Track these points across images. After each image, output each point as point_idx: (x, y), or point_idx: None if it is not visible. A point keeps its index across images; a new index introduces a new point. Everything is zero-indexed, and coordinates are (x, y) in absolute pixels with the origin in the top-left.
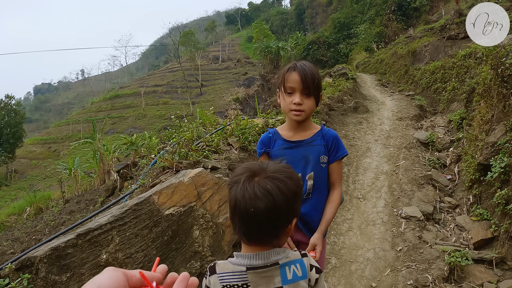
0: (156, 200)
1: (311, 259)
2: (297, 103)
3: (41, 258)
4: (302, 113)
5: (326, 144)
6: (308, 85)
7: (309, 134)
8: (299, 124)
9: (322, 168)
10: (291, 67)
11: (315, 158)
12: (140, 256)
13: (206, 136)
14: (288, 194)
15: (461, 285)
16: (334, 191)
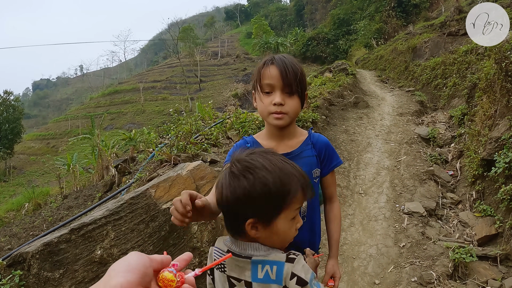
0: (153, 194)
1: (297, 268)
2: (278, 103)
3: (33, 254)
4: (284, 116)
5: (318, 155)
6: (289, 82)
7: (296, 144)
8: (282, 131)
9: (315, 184)
10: (268, 61)
11: (307, 173)
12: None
13: (205, 130)
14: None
15: (466, 282)
16: (333, 205)
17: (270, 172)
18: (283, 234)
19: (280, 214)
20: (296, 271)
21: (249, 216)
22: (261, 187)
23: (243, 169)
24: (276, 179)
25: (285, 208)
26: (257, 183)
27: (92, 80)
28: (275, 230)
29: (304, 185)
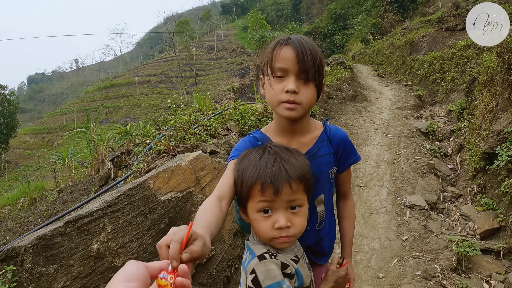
0: (152, 185)
1: (260, 268)
2: (291, 91)
3: (27, 248)
4: (297, 107)
5: (335, 152)
6: (306, 67)
7: (310, 141)
8: (294, 125)
9: (331, 184)
10: (283, 40)
11: (325, 174)
12: (135, 245)
13: (204, 120)
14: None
15: (469, 276)
16: (348, 202)
17: (248, 161)
18: (256, 227)
19: (247, 203)
20: (257, 270)
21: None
22: (236, 172)
23: (240, 156)
24: (240, 168)
25: (249, 198)
26: (238, 168)
27: (88, 74)
28: (251, 219)
29: (266, 180)
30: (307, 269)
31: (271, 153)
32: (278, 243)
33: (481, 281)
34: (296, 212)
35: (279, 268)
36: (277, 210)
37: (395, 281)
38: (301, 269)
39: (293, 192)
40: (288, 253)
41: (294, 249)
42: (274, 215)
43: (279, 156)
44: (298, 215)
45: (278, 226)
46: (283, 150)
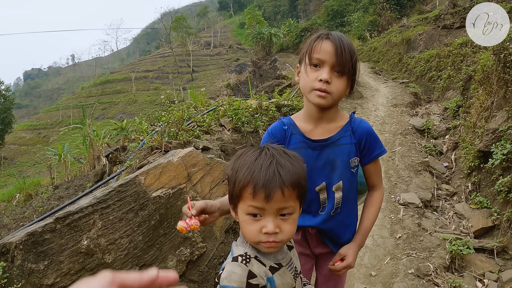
0: (143, 181)
1: (228, 268)
2: (324, 80)
3: (17, 244)
4: (328, 96)
5: (358, 142)
6: (343, 61)
7: (335, 129)
8: (322, 113)
9: (353, 174)
10: (324, 34)
11: (344, 162)
12: (125, 242)
13: (197, 116)
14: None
15: (462, 275)
16: (375, 193)
17: (237, 160)
18: (243, 227)
19: (238, 203)
20: (225, 268)
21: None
22: (228, 170)
23: (237, 153)
24: (235, 166)
25: (240, 199)
26: (230, 166)
27: (84, 69)
28: (240, 219)
29: (256, 182)
30: (289, 278)
31: (268, 156)
32: (264, 247)
33: (474, 279)
34: (286, 219)
35: (244, 276)
36: (266, 215)
37: (387, 279)
38: (278, 278)
39: (285, 199)
40: (270, 259)
41: (278, 256)
42: (263, 219)
43: (275, 160)
44: (288, 222)
45: (266, 231)
46: (280, 154)
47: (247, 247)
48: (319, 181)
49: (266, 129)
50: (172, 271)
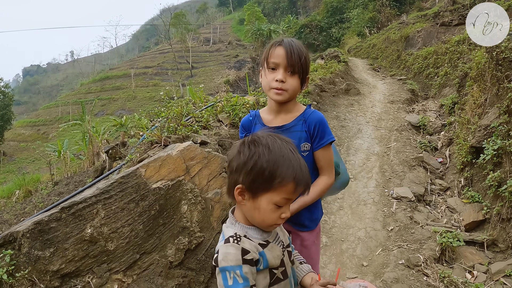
0: (143, 173)
1: (222, 250)
2: (279, 80)
3: (24, 233)
4: (284, 93)
5: (308, 130)
6: (293, 62)
7: (290, 118)
8: (281, 106)
9: (304, 157)
10: (277, 42)
11: (296, 146)
12: (126, 230)
13: (196, 112)
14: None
15: (452, 266)
16: (320, 177)
17: (270, 152)
18: (264, 213)
19: (266, 193)
20: (220, 251)
21: (239, 182)
22: (256, 160)
23: (251, 141)
24: (271, 159)
25: (272, 190)
26: (255, 155)
27: (83, 66)
28: (258, 205)
29: (299, 180)
30: (278, 251)
31: (295, 151)
32: (273, 227)
33: (464, 271)
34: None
35: (239, 254)
36: (288, 204)
37: (378, 269)
38: (269, 252)
39: None
40: (258, 238)
41: (264, 235)
42: (284, 207)
43: (301, 159)
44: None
45: (285, 216)
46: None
47: (237, 227)
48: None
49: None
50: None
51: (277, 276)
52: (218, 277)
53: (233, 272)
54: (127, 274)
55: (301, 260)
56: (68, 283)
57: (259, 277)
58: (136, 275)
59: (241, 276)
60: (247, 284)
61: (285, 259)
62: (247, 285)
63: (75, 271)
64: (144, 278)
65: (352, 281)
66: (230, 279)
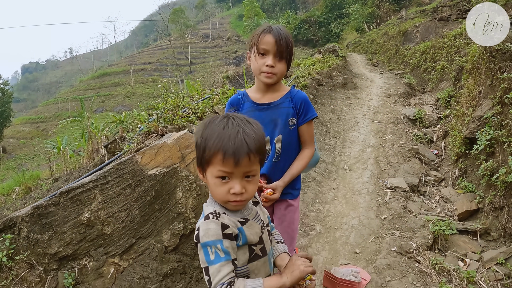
0: (139, 160)
1: (203, 226)
2: (270, 65)
3: (23, 217)
4: (273, 76)
5: (294, 106)
6: (281, 49)
7: (277, 96)
8: (269, 87)
9: (291, 131)
10: (266, 29)
11: (283, 120)
12: (123, 215)
13: (192, 104)
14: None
15: (445, 254)
16: (304, 150)
17: (206, 128)
18: (213, 189)
19: (208, 167)
20: (200, 228)
21: (198, 164)
22: (197, 137)
23: (204, 122)
24: (204, 134)
25: (210, 163)
26: (197, 133)
27: (82, 62)
28: (208, 181)
29: (226, 149)
30: (257, 228)
31: (234, 125)
32: (232, 205)
33: (457, 259)
34: (250, 180)
35: (219, 229)
36: (234, 178)
37: (371, 256)
38: (247, 229)
39: (250, 164)
40: (237, 215)
41: (244, 212)
42: (231, 182)
43: (241, 129)
44: (252, 182)
45: (234, 192)
46: (244, 123)
47: (216, 205)
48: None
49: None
50: None
51: (256, 252)
52: (200, 253)
53: (214, 247)
54: (123, 258)
55: (278, 240)
56: (65, 266)
57: (238, 253)
58: (132, 259)
59: (222, 250)
60: (229, 258)
61: (264, 237)
62: (228, 259)
63: (72, 254)
64: (140, 262)
65: (344, 267)
66: (212, 254)
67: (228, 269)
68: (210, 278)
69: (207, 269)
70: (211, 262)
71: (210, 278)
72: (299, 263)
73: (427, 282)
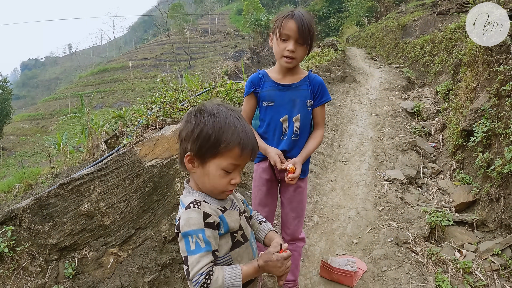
0: (138, 152)
1: (184, 216)
2: (291, 51)
3: (24, 209)
4: (293, 61)
5: (312, 89)
6: (303, 35)
7: (297, 79)
8: (289, 69)
9: (308, 112)
10: (289, 15)
11: (302, 101)
12: (122, 206)
13: (191, 98)
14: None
15: (442, 245)
16: (317, 130)
17: (216, 118)
18: (213, 179)
19: (213, 158)
20: (181, 218)
21: (188, 150)
22: (202, 126)
23: (197, 110)
24: (216, 125)
25: (219, 155)
26: (201, 123)
27: (81, 58)
28: (207, 171)
29: (245, 145)
30: (235, 215)
31: (241, 119)
32: (225, 194)
33: (453, 250)
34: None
35: (201, 218)
36: (236, 170)
37: (367, 246)
38: (228, 217)
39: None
40: (216, 204)
41: (220, 202)
42: (233, 173)
43: (247, 125)
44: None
45: (235, 182)
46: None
47: (196, 194)
48: (283, 114)
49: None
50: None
51: (237, 239)
52: (181, 243)
53: (196, 237)
54: (122, 248)
55: (260, 220)
56: (66, 256)
57: (221, 242)
58: (131, 249)
59: (203, 240)
60: (209, 248)
61: (243, 223)
62: (209, 250)
63: (72, 245)
64: (139, 252)
65: (341, 257)
66: (192, 244)
67: (207, 260)
68: (188, 268)
69: (187, 259)
70: (191, 252)
71: (188, 268)
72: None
73: (423, 272)
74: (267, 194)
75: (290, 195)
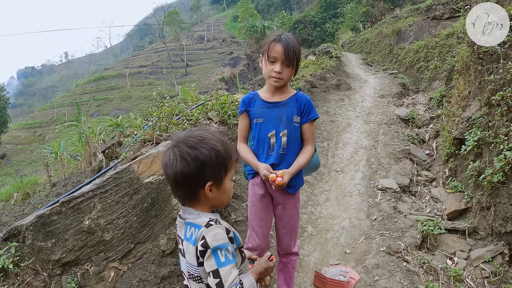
0: (136, 169)
1: (209, 233)
2: (278, 72)
3: (27, 226)
4: (280, 81)
5: (299, 107)
6: (289, 57)
7: (285, 97)
8: (277, 89)
9: (295, 127)
10: (276, 39)
11: (289, 118)
12: (121, 222)
13: (186, 111)
14: (194, 162)
15: (434, 253)
16: (307, 146)
17: (218, 141)
18: (229, 191)
19: (227, 175)
20: (206, 235)
21: (207, 180)
22: (215, 152)
23: (198, 142)
24: (222, 145)
25: (229, 169)
26: (212, 150)
27: (78, 66)
28: (224, 189)
29: (233, 149)
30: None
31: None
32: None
33: (445, 258)
34: None
35: (224, 233)
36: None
37: (360, 256)
38: (236, 232)
39: None
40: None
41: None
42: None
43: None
44: None
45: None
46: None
47: (208, 215)
48: (271, 129)
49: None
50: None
51: (243, 254)
52: (210, 259)
53: (225, 250)
54: (122, 263)
55: None
56: (68, 271)
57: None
58: (131, 263)
59: (231, 253)
60: (235, 261)
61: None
62: (236, 262)
63: (75, 260)
64: (138, 266)
65: (334, 267)
66: (222, 257)
67: (236, 271)
68: (221, 280)
69: (217, 272)
70: (221, 264)
71: (220, 281)
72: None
73: (414, 280)
74: (261, 209)
75: (279, 212)
